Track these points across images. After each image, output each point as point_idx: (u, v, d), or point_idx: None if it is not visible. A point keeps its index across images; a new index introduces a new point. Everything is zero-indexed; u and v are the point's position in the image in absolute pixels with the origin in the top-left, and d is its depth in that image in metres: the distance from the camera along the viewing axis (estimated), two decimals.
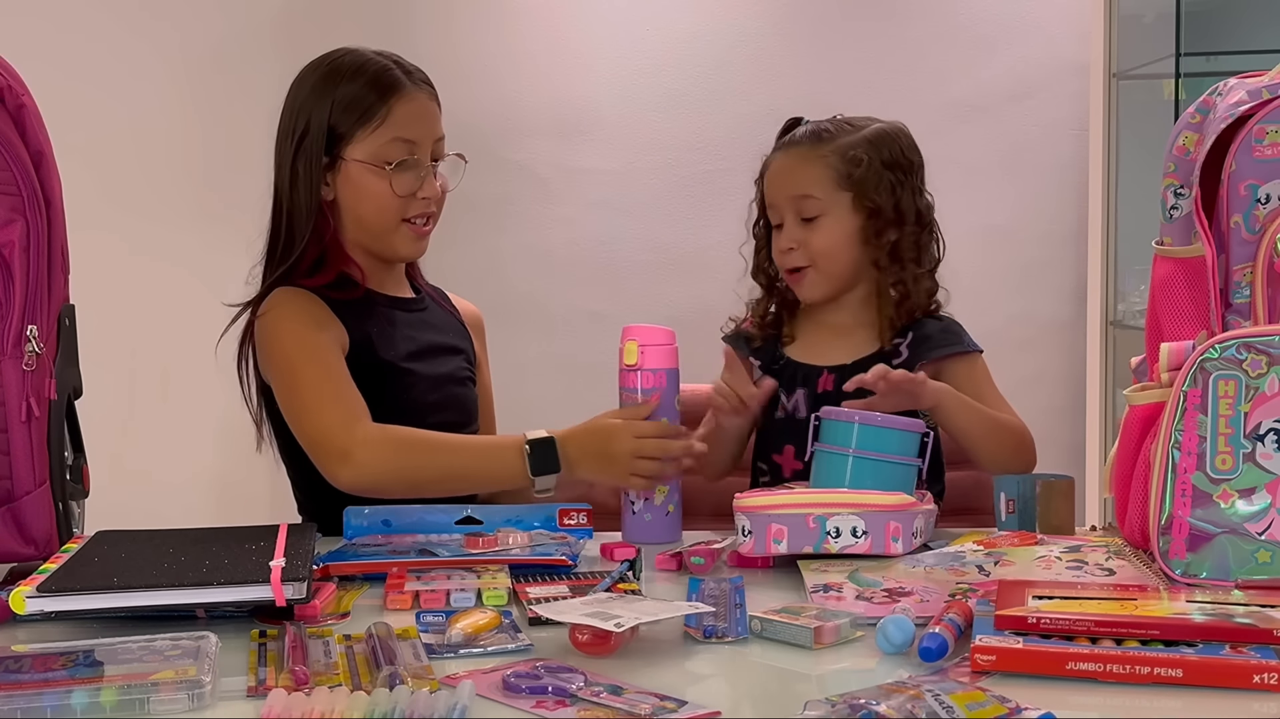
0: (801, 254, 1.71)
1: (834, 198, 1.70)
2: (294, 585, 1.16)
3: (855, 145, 1.70)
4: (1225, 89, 1.36)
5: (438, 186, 1.77)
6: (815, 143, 1.72)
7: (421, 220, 1.76)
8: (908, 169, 1.73)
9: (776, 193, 1.74)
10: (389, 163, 1.72)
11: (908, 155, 1.73)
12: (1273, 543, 1.25)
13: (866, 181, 1.69)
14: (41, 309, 1.38)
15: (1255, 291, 1.32)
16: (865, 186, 1.69)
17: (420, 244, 1.79)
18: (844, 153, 1.70)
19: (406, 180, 1.73)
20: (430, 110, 1.77)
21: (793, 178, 1.72)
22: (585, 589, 1.28)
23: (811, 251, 1.71)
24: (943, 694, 0.95)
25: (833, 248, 1.70)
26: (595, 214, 3.31)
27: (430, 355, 1.79)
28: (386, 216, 1.74)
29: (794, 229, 1.72)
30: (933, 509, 1.48)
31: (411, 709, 0.93)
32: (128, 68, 3.29)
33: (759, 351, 1.79)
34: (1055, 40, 3.36)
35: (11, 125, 1.36)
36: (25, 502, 1.36)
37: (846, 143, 1.71)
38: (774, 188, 1.74)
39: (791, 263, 1.73)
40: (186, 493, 3.24)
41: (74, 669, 1.01)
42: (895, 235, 1.71)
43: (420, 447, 1.60)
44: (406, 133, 1.73)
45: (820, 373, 1.73)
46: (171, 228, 3.30)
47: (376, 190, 1.73)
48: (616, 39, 3.36)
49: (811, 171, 1.71)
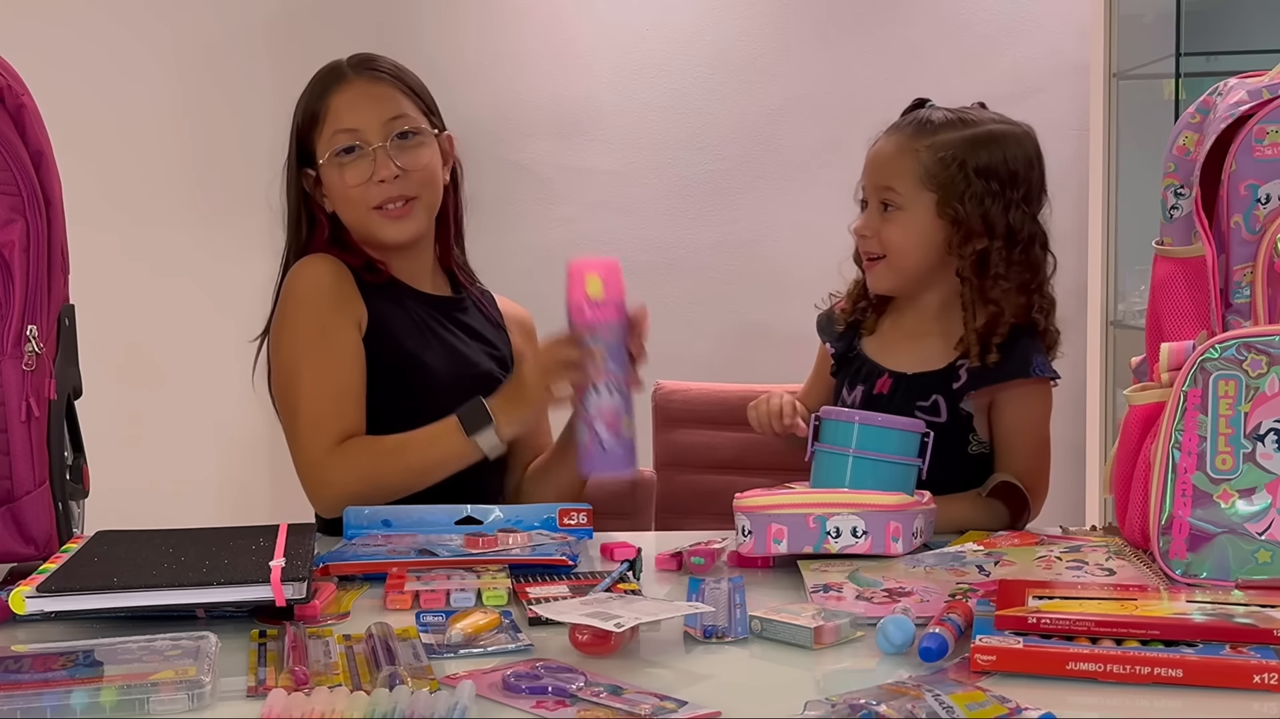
0: (875, 242, 1.66)
1: (916, 195, 1.63)
2: (294, 585, 1.16)
3: (953, 145, 1.62)
4: (1225, 89, 1.36)
5: (396, 165, 1.71)
6: (916, 133, 1.64)
7: (393, 204, 1.73)
8: (1007, 180, 1.62)
9: (869, 175, 1.68)
10: (334, 153, 1.72)
11: (1012, 165, 1.62)
12: (1273, 543, 1.25)
13: (952, 186, 1.61)
14: (41, 309, 1.38)
15: (1255, 291, 1.32)
16: (950, 192, 1.61)
17: (400, 226, 1.74)
18: (938, 151, 1.62)
19: (358, 169, 1.72)
20: (371, 93, 1.74)
21: (883, 165, 1.66)
22: (585, 589, 1.28)
23: (884, 242, 1.65)
24: (943, 694, 0.95)
25: (905, 245, 1.64)
26: (595, 214, 3.31)
27: (451, 354, 1.77)
28: (354, 210, 1.74)
29: (873, 216, 1.66)
30: (933, 509, 1.48)
31: (411, 709, 0.93)
32: (127, 68, 3.29)
33: (840, 337, 1.76)
34: (1055, 40, 3.35)
35: (11, 125, 1.36)
36: (25, 502, 1.36)
37: (945, 140, 1.62)
38: (869, 170, 1.68)
39: (866, 249, 1.68)
40: (186, 493, 3.24)
41: (74, 669, 1.01)
42: (982, 246, 1.62)
43: (384, 457, 1.64)
44: (346, 122, 1.73)
45: (882, 374, 1.70)
46: (171, 228, 3.30)
47: (338, 186, 1.74)
48: (617, 39, 3.36)
49: (901, 163, 1.64)
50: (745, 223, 3.43)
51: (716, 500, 1.68)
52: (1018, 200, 1.63)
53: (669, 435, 2.30)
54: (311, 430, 1.66)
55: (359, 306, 1.72)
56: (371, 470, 1.63)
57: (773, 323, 2.09)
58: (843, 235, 1.75)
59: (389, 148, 1.72)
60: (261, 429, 1.93)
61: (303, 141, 1.77)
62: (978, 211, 1.61)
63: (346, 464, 1.64)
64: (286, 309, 1.72)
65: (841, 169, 3.44)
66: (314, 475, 1.66)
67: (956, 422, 1.65)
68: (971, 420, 1.66)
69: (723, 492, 1.59)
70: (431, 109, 1.80)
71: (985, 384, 1.63)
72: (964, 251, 1.62)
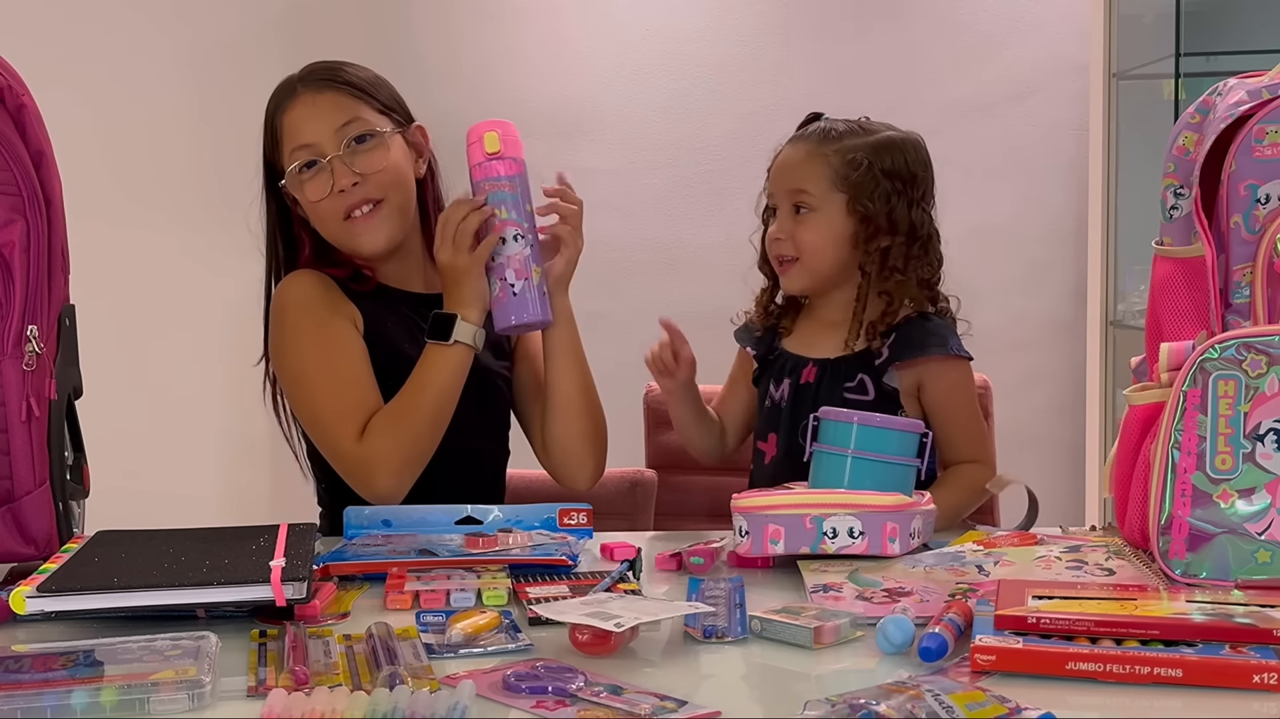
0: (789, 245, 1.74)
1: (828, 197, 1.72)
2: (294, 585, 1.16)
3: (858, 149, 1.72)
4: (1225, 89, 1.36)
5: (353, 172, 1.68)
6: (822, 140, 1.74)
7: (359, 210, 1.70)
8: (908, 180, 1.73)
9: (777, 183, 1.77)
10: (295, 171, 1.70)
11: (912, 168, 1.74)
12: (1273, 543, 1.25)
13: (862, 186, 1.71)
14: (42, 309, 1.38)
15: (1255, 291, 1.32)
16: (860, 191, 1.71)
17: (373, 233, 1.71)
18: (846, 154, 1.72)
19: (317, 184, 1.69)
20: (318, 104, 1.70)
21: (793, 171, 1.74)
22: (585, 589, 1.28)
23: (798, 244, 1.73)
24: (943, 694, 0.95)
25: (819, 244, 1.72)
26: (595, 214, 3.29)
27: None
28: (327, 224, 1.72)
29: (786, 220, 1.74)
30: (932, 509, 1.48)
31: (411, 709, 0.93)
32: (130, 68, 3.29)
33: (759, 341, 1.83)
34: (1055, 40, 3.36)
35: (11, 125, 1.36)
36: (25, 501, 1.36)
37: (851, 145, 1.72)
38: (776, 177, 1.77)
39: (780, 252, 1.76)
40: (187, 493, 3.24)
41: (74, 669, 1.01)
42: (886, 243, 1.72)
43: (404, 416, 1.64)
44: (301, 138, 1.70)
45: (806, 364, 1.76)
46: (172, 227, 3.30)
47: (306, 203, 1.72)
48: (617, 39, 3.36)
49: (811, 168, 1.73)
50: (745, 223, 3.42)
51: (714, 501, 1.69)
52: (917, 199, 1.74)
53: (663, 437, 2.30)
54: (338, 426, 1.64)
55: (352, 309, 1.72)
56: (403, 434, 1.62)
57: None
58: None
59: (344, 155, 1.68)
60: (261, 429, 1.93)
61: (271, 162, 1.75)
62: (884, 210, 1.71)
63: (379, 443, 1.62)
64: (283, 323, 1.72)
65: None
66: (357, 469, 1.63)
67: (884, 398, 1.71)
68: (898, 396, 1.71)
69: (722, 490, 1.59)
70: (390, 105, 1.76)
71: (908, 357, 1.70)
72: (869, 248, 1.73)
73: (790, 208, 1.74)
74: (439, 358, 1.64)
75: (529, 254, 1.61)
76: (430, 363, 1.64)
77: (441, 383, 1.64)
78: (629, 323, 1.70)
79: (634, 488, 2.19)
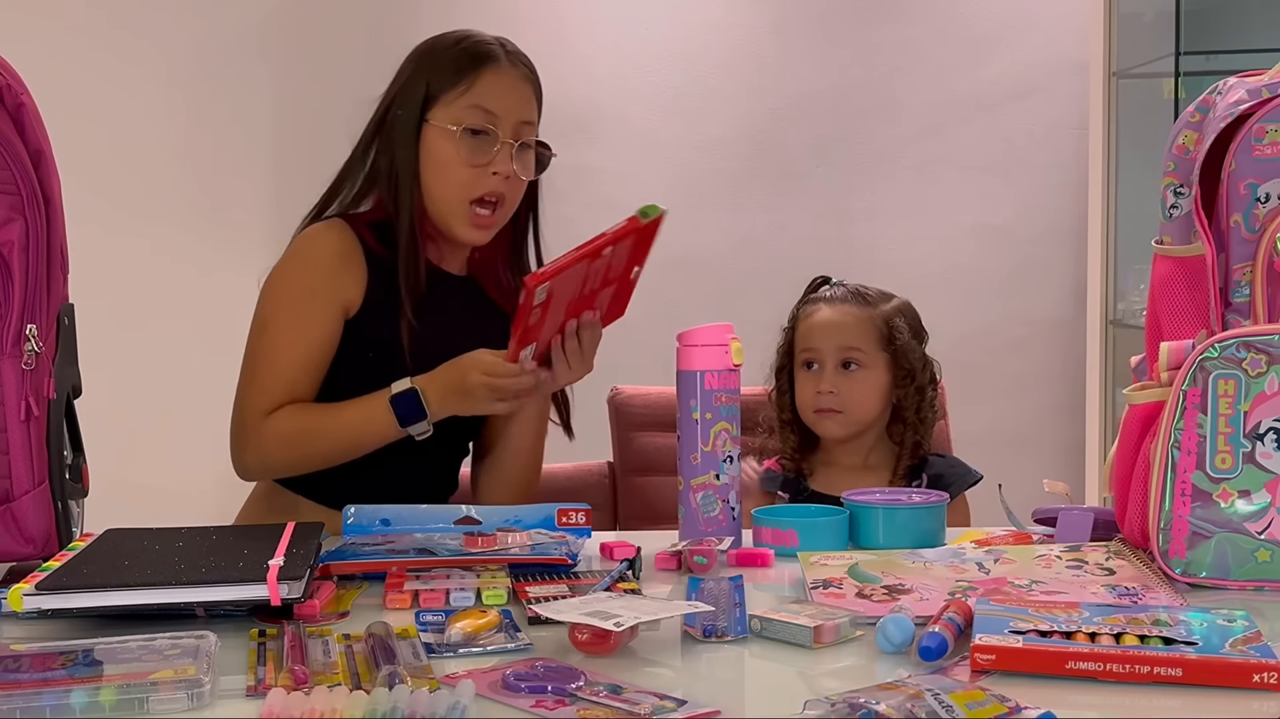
0: (836, 399, 1.90)
1: (876, 356, 1.91)
2: (290, 584, 1.16)
3: (894, 314, 1.93)
4: (1225, 88, 1.36)
5: (512, 167, 1.71)
6: (862, 304, 1.93)
7: (487, 208, 1.71)
8: (922, 339, 1.96)
9: (824, 340, 1.92)
10: (464, 128, 1.69)
11: (921, 328, 1.97)
12: (1272, 542, 1.25)
13: (904, 348, 1.91)
14: (41, 308, 1.38)
15: (1255, 290, 1.32)
16: (902, 352, 1.91)
17: (484, 233, 1.74)
18: (888, 319, 1.93)
19: (478, 148, 1.70)
20: (520, 89, 1.74)
21: (844, 330, 1.91)
22: (585, 589, 1.28)
23: (844, 398, 1.90)
24: (942, 693, 0.95)
25: (865, 398, 1.91)
26: (595, 214, 3.30)
27: (450, 332, 1.73)
28: (451, 191, 1.70)
29: (834, 375, 1.91)
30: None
31: (411, 709, 0.93)
32: (126, 68, 3.29)
33: (787, 484, 1.95)
34: (1055, 39, 3.36)
35: (11, 124, 1.36)
36: (24, 501, 1.36)
37: (887, 310, 1.94)
38: (821, 335, 1.92)
39: (826, 405, 1.90)
40: (187, 492, 3.23)
41: (73, 668, 1.01)
42: (913, 396, 1.91)
43: (313, 435, 1.67)
44: (488, 103, 1.70)
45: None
46: (171, 227, 3.30)
47: (446, 157, 1.70)
48: (617, 38, 3.36)
49: (861, 329, 1.91)
50: (745, 222, 3.43)
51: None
52: (925, 354, 1.97)
53: (631, 437, 2.30)
54: (259, 391, 1.68)
55: (354, 286, 1.70)
56: (296, 448, 1.67)
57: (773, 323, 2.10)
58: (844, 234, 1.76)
59: (516, 148, 1.71)
60: None
61: (426, 94, 1.72)
62: (917, 367, 1.93)
63: (273, 437, 1.66)
64: (285, 266, 1.73)
65: (841, 169, 3.46)
66: (240, 435, 1.69)
67: None
68: None
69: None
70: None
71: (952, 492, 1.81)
72: (897, 395, 1.92)
73: (837, 364, 1.90)
74: (379, 424, 1.64)
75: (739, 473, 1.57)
76: (370, 420, 1.65)
77: (363, 441, 1.67)
78: (628, 322, 1.69)
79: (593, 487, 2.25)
